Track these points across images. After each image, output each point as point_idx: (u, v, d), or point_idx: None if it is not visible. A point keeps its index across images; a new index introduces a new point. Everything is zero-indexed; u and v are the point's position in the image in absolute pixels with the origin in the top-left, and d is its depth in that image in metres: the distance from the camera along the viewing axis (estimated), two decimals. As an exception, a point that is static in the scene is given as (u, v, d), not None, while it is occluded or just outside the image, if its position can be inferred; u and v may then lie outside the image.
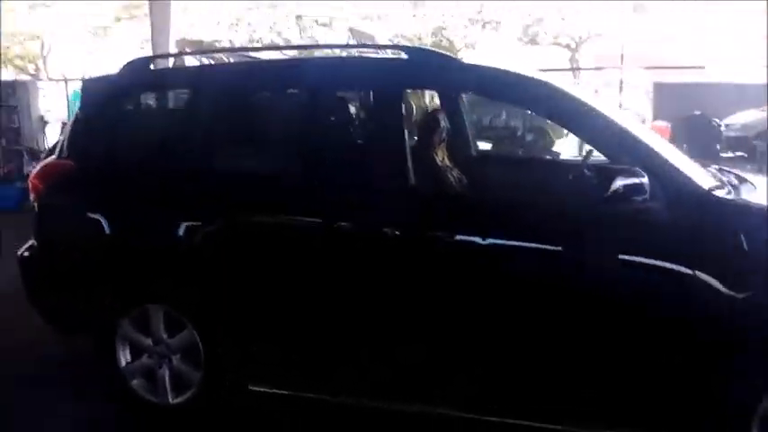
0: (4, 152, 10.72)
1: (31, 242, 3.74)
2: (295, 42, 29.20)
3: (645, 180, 2.58)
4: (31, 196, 3.67)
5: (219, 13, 27.64)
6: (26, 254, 3.69)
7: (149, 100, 3.64)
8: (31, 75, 26.30)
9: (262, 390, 3.32)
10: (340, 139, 3.68)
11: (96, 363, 3.64)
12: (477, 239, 2.83)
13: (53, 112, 12.99)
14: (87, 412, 3.56)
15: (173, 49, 15.92)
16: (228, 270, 3.23)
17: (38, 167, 3.66)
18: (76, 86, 14.84)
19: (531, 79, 3.08)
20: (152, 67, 3.62)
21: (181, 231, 3.28)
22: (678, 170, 2.71)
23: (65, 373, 3.99)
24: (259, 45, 23.95)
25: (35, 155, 9.70)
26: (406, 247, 2.91)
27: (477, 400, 2.98)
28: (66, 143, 3.62)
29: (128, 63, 3.60)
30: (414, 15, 29.11)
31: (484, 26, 28.54)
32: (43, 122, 11.18)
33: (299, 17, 29.46)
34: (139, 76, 3.56)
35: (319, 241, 3.08)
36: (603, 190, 2.71)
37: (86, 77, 3.73)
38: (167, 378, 3.42)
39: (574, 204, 2.98)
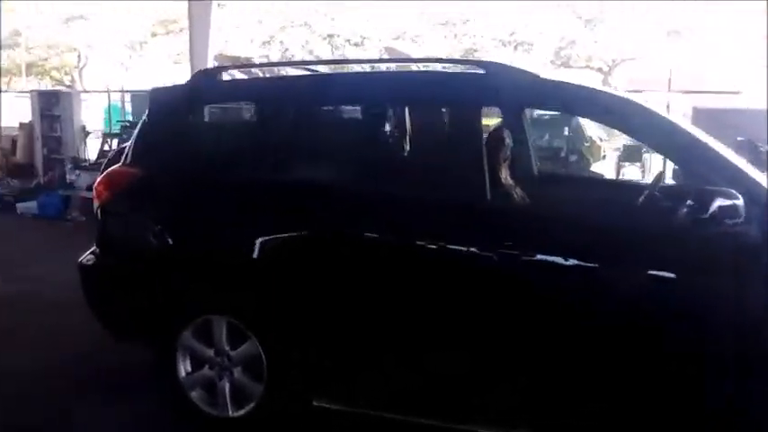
0: (45, 161, 10.85)
1: (92, 249, 3.74)
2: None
3: (740, 202, 2.50)
4: (95, 203, 3.66)
5: (254, 31, 28.00)
6: (87, 260, 3.68)
7: (218, 110, 3.62)
8: (67, 86, 26.71)
9: (326, 406, 3.24)
10: (415, 153, 3.64)
11: (155, 372, 3.60)
12: (560, 260, 2.76)
13: (88, 123, 13.21)
14: (145, 423, 3.52)
15: (211, 64, 16.20)
16: (296, 283, 3.19)
17: (103, 175, 3.65)
18: (114, 99, 15.08)
19: (617, 96, 3.02)
20: (222, 77, 3.62)
21: (247, 242, 3.24)
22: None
23: (123, 382, 3.98)
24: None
25: (78, 164, 9.80)
26: (482, 265, 2.84)
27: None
28: (131, 151, 3.62)
29: (197, 73, 3.60)
30: (445, 36, 29.24)
31: (516, 48, 28.54)
32: (85, 132, 11.31)
33: (330, 36, 29.72)
34: (209, 86, 3.56)
35: (391, 255, 3.03)
36: (690, 211, 2.64)
37: (154, 87, 3.72)
38: (228, 390, 3.37)
39: (658, 226, 2.90)
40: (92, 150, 11.49)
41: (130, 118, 13.52)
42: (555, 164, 9.97)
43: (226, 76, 3.66)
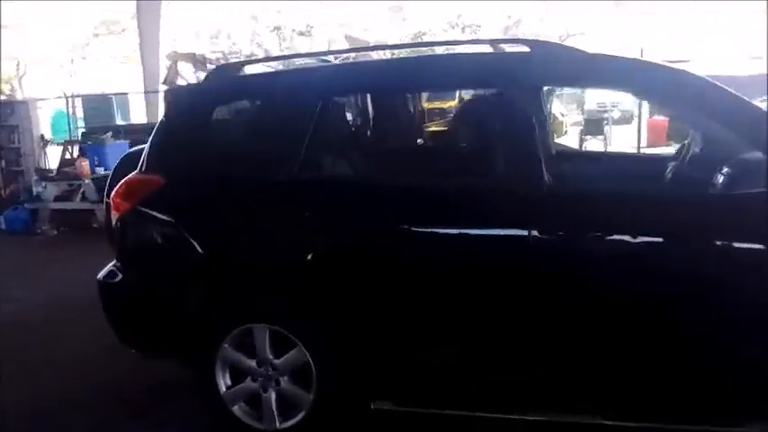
0: (5, 173, 10.37)
1: (110, 266, 3.53)
2: (274, 53, 29.15)
3: None
4: (113, 216, 3.45)
5: (198, 25, 27.42)
6: (108, 276, 3.47)
7: (242, 108, 3.43)
8: (7, 95, 25.72)
9: (385, 408, 3.12)
10: (467, 141, 3.51)
11: (195, 389, 3.42)
12: (628, 238, 2.70)
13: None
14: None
15: (163, 62, 15.72)
16: (344, 284, 3.05)
17: (119, 185, 3.43)
18: (60, 105, 14.52)
19: (672, 69, 2.96)
20: (243, 72, 3.43)
21: (289, 246, 3.08)
22: None
23: (161, 401, 3.83)
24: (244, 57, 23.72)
25: (44, 175, 9.39)
26: (548, 251, 2.75)
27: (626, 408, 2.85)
28: (149, 157, 3.41)
29: (216, 70, 3.42)
30: (393, 21, 29.15)
31: (464, 30, 28.66)
32: (44, 142, 10.84)
33: (278, 28, 29.33)
34: (231, 83, 3.37)
35: (448, 250, 2.91)
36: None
37: (169, 88, 3.52)
38: (274, 401, 3.22)
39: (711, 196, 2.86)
40: (52, 160, 11.04)
41: (82, 124, 13.06)
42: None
43: (246, 71, 3.47)
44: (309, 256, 3.04)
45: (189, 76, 14.91)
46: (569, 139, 15.60)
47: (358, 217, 3.05)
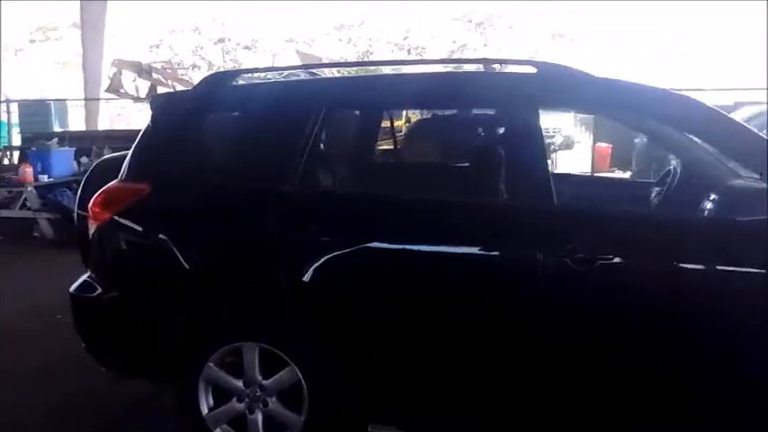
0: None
1: (84, 278, 3.32)
2: (217, 65, 28.77)
3: None
4: (90, 225, 3.25)
5: (140, 35, 26.87)
6: (82, 290, 3.26)
7: (233, 117, 3.29)
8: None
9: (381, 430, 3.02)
10: (471, 159, 3.46)
11: (174, 409, 3.24)
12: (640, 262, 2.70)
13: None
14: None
15: (107, 70, 15.25)
16: (344, 302, 2.95)
17: (99, 192, 3.24)
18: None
19: (681, 96, 2.99)
20: (236, 82, 3.31)
21: (285, 261, 2.96)
22: None
23: (135, 420, 3.67)
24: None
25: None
26: (559, 272, 2.72)
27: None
28: (131, 165, 3.24)
29: (207, 77, 3.30)
30: (339, 40, 29.22)
31: (409, 52, 28.96)
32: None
33: (221, 40, 28.98)
34: (223, 91, 3.24)
35: (454, 266, 2.86)
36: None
37: (156, 95, 3.36)
38: (260, 424, 3.07)
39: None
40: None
41: (17, 129, 12.52)
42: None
43: (239, 81, 3.35)
44: (306, 274, 2.93)
45: (128, 85, 14.55)
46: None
47: (360, 232, 2.96)
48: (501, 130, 3.02)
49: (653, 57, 26.23)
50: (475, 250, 2.85)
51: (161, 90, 14.60)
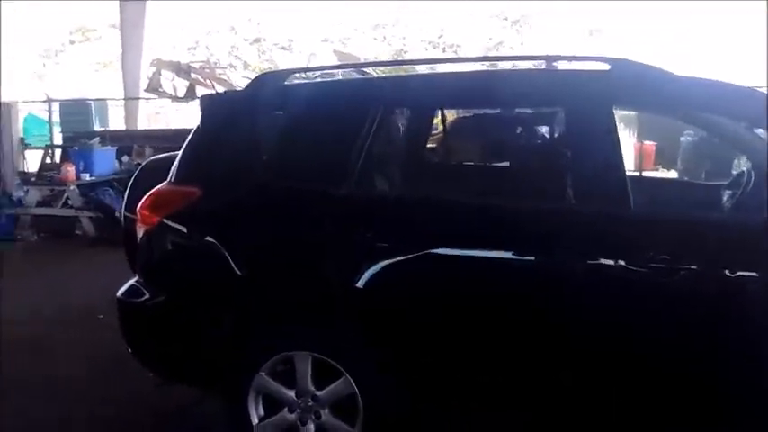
0: (-19, 177, 9.89)
1: (131, 282, 3.24)
2: (253, 66, 28.86)
3: None
4: (139, 229, 3.16)
5: (177, 36, 27.10)
6: (129, 295, 3.18)
7: (285, 118, 3.17)
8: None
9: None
10: (542, 161, 3.31)
11: (218, 418, 3.14)
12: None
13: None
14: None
15: (146, 70, 15.34)
16: (402, 308, 2.81)
17: (148, 195, 3.15)
18: (33, 109, 14.02)
19: (755, 92, 2.80)
20: (289, 81, 3.20)
21: (341, 267, 2.84)
22: None
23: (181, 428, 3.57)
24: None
25: (27, 179, 8.96)
26: (636, 280, 2.55)
27: None
28: (181, 166, 3.15)
29: (258, 77, 3.20)
30: (374, 39, 29.09)
31: (444, 50, 28.70)
32: (24, 145, 10.39)
33: (257, 41, 29.07)
34: (275, 91, 3.13)
35: (520, 274, 2.71)
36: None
37: (205, 95, 3.27)
38: (313, 435, 2.95)
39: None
40: (31, 164, 10.60)
41: (58, 129, 12.61)
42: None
43: (291, 81, 3.24)
44: (363, 278, 2.80)
45: (167, 84, 14.62)
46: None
47: (420, 238, 2.82)
48: (572, 131, 2.84)
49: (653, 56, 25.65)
50: (542, 257, 2.70)
51: (199, 90, 14.66)
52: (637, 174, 8.75)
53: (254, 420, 3.01)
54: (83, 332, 4.97)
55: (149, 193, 3.16)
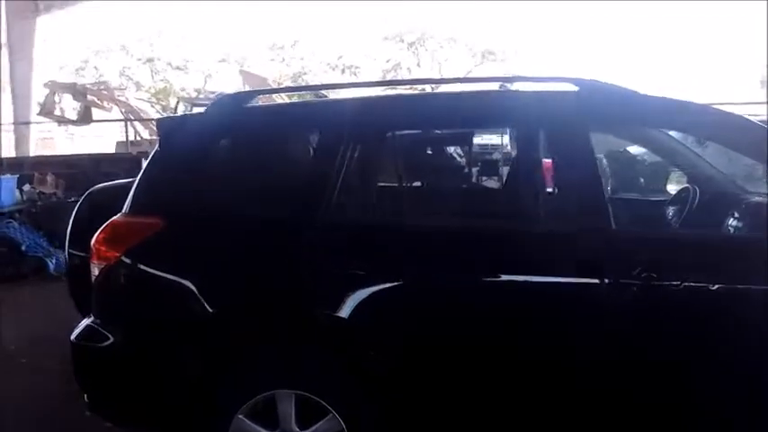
0: None
1: (85, 323, 2.97)
2: (146, 86, 27.93)
3: None
4: (93, 266, 2.90)
5: (63, 56, 25.90)
6: (85, 338, 2.91)
7: (251, 141, 3.01)
8: None
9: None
10: (517, 182, 3.27)
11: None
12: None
13: None
14: None
15: (38, 93, 14.44)
16: (392, 342, 2.72)
17: (103, 227, 2.90)
18: None
19: (726, 113, 2.91)
20: (252, 103, 3.04)
21: (327, 299, 2.71)
22: None
23: None
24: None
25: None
26: (624, 299, 2.57)
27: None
28: (142, 196, 2.93)
29: (219, 100, 3.02)
30: (272, 59, 28.89)
31: (343, 71, 28.90)
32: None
33: (150, 60, 28.22)
34: (238, 114, 2.97)
35: (510, 299, 2.68)
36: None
37: (163, 118, 3.06)
38: (298, 481, 2.79)
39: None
40: None
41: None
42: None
43: (254, 102, 3.08)
44: (348, 312, 2.68)
45: (63, 107, 13.87)
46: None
47: (401, 267, 2.73)
48: (546, 152, 2.86)
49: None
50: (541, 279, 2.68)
51: (96, 112, 13.99)
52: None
53: (234, 469, 2.81)
54: (6, 378, 4.52)
55: (104, 226, 2.90)
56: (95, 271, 2.90)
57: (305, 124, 2.98)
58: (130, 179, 3.16)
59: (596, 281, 2.60)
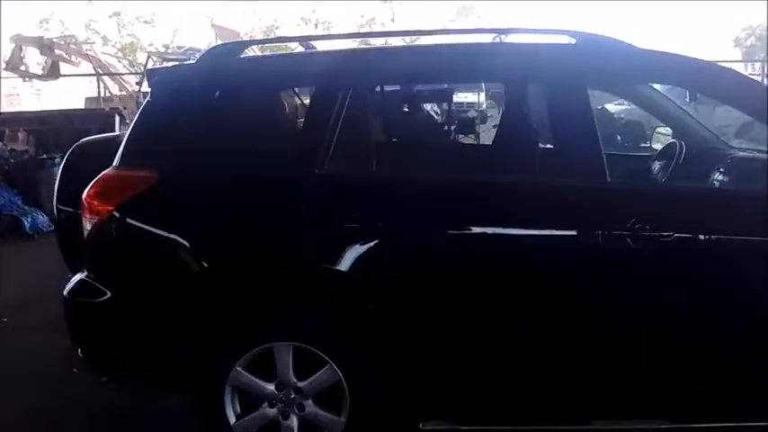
0: None
1: (78, 278, 2.94)
2: (113, 41, 27.20)
3: None
4: (86, 220, 2.86)
5: (27, 8, 24.99)
6: (79, 293, 2.88)
7: (244, 93, 2.96)
8: None
9: (436, 428, 2.84)
10: (517, 136, 3.27)
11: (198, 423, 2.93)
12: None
13: None
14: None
15: (6, 46, 13.98)
16: (387, 293, 2.74)
17: (95, 181, 2.85)
18: None
19: (722, 67, 2.94)
20: (244, 54, 2.99)
21: (321, 252, 2.72)
22: None
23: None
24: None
25: None
26: (618, 250, 2.62)
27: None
28: (129, 149, 2.88)
29: (210, 50, 2.97)
30: (243, 12, 28.22)
31: (317, 26, 28.37)
32: None
33: (117, 13, 27.40)
34: (231, 65, 2.92)
35: (508, 250, 2.72)
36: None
37: (152, 69, 3.00)
38: (296, 429, 2.82)
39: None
40: None
41: None
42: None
43: (245, 54, 3.03)
44: (345, 264, 2.69)
45: (31, 61, 13.48)
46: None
47: (399, 219, 2.75)
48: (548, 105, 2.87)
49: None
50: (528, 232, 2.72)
51: (63, 67, 13.62)
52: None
53: (232, 419, 2.84)
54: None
55: (96, 180, 2.86)
56: (87, 225, 2.86)
57: (299, 76, 2.94)
58: (117, 133, 3.11)
59: (592, 232, 2.63)
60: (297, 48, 3.50)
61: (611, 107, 12.59)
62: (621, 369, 2.74)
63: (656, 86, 3.96)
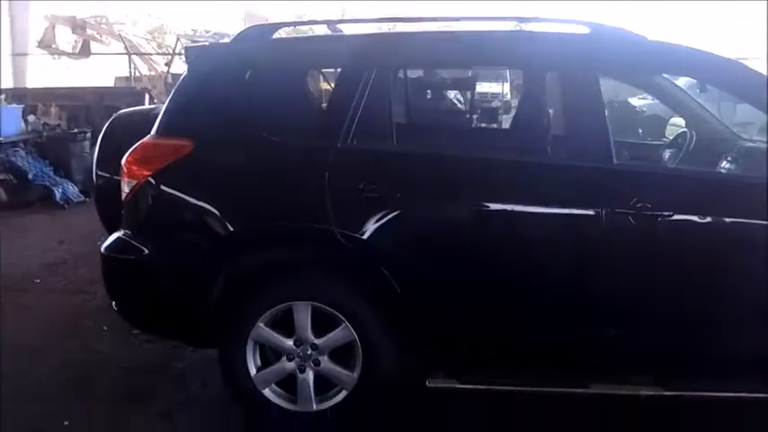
0: None
1: (115, 236, 3.17)
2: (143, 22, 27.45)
3: None
4: (124, 184, 3.09)
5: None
6: (116, 248, 3.11)
7: (278, 71, 3.17)
8: None
9: (442, 386, 3.05)
10: (532, 119, 3.46)
11: (221, 372, 3.16)
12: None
13: None
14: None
15: (36, 25, 14.32)
16: (401, 257, 2.94)
17: (134, 148, 3.08)
18: None
19: (729, 59, 3.09)
20: (277, 35, 3.20)
21: (341, 219, 2.91)
22: None
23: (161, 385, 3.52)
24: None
25: None
26: (621, 228, 2.81)
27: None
28: (167, 119, 3.10)
29: (245, 31, 3.18)
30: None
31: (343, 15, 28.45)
32: None
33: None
34: (265, 45, 3.14)
35: (518, 222, 2.93)
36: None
37: (190, 47, 3.21)
38: (311, 382, 3.05)
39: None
40: None
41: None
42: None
43: (280, 34, 3.24)
44: (364, 231, 2.89)
45: (61, 41, 13.79)
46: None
47: (416, 191, 2.95)
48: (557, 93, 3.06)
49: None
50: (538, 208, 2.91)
51: (94, 46, 13.93)
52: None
53: (253, 371, 3.06)
54: (23, 298, 4.75)
55: (135, 147, 3.08)
56: (126, 188, 3.09)
57: (327, 56, 3.13)
58: (153, 106, 3.33)
59: (596, 210, 2.82)
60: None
61: (634, 101, 12.67)
62: (617, 335, 2.93)
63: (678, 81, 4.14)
